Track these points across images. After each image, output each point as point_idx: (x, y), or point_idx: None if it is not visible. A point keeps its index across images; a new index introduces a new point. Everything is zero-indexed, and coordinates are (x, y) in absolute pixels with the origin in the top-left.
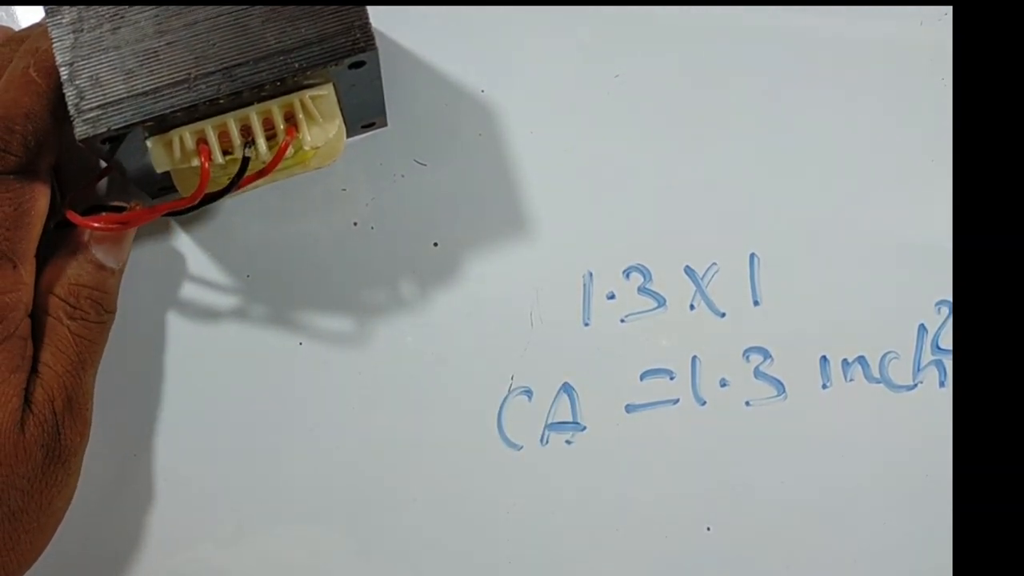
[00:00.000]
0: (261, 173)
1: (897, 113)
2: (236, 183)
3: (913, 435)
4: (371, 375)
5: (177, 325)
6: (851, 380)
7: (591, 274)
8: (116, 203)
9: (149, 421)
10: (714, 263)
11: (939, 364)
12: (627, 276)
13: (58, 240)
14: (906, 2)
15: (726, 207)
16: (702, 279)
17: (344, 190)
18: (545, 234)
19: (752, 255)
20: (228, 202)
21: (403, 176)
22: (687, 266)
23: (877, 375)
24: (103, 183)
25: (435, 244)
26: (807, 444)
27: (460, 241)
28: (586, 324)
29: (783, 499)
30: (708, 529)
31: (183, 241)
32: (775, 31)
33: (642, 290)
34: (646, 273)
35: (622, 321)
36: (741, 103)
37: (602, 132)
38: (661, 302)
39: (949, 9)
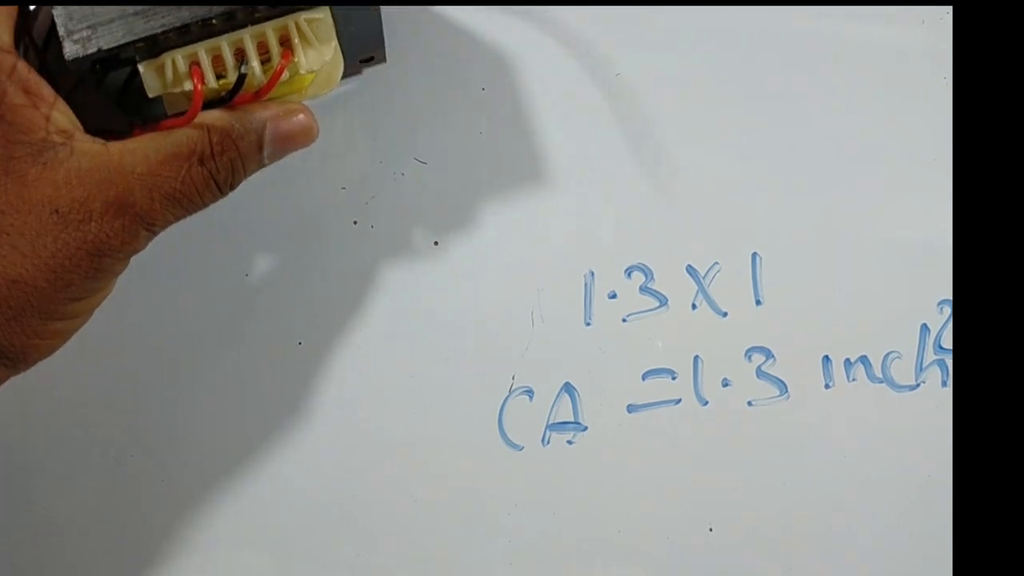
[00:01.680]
0: (257, 94)
1: (898, 113)
2: (232, 97)
3: (915, 435)
4: (371, 375)
5: (176, 325)
6: (853, 380)
7: (592, 273)
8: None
9: (147, 421)
10: (716, 262)
11: (941, 364)
12: (629, 275)
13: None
14: (907, 2)
15: (728, 206)
16: (704, 278)
17: (344, 189)
18: (546, 233)
19: (754, 254)
20: (227, 200)
21: (403, 174)
22: (689, 265)
23: (879, 375)
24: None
25: (435, 243)
26: (809, 444)
27: (460, 240)
28: (587, 324)
29: (785, 499)
30: (710, 529)
31: (182, 240)
32: (776, 30)
33: (644, 289)
34: (648, 272)
35: (624, 320)
36: (742, 102)
37: (603, 131)
38: (663, 301)
39: (950, 9)
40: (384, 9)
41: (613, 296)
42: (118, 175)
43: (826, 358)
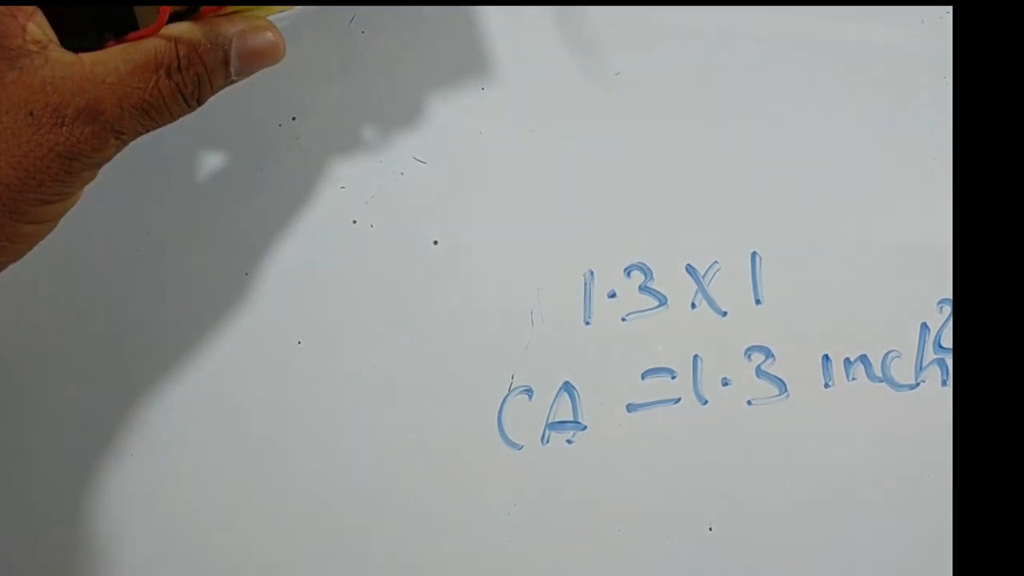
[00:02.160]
0: (219, 6)
1: (898, 112)
2: (197, 9)
3: (915, 434)
4: (371, 375)
5: (175, 324)
6: (853, 379)
7: (592, 272)
8: None
9: (148, 421)
10: (715, 261)
11: (941, 363)
12: (628, 274)
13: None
14: (907, 2)
15: (727, 205)
16: (703, 277)
17: (343, 188)
18: (546, 232)
19: (754, 253)
20: (226, 200)
21: (403, 174)
22: (688, 264)
23: (879, 374)
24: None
25: (435, 242)
26: (809, 443)
27: (460, 239)
28: (587, 323)
29: (785, 499)
30: (710, 529)
31: (181, 239)
32: (776, 30)
33: (643, 289)
34: (647, 271)
35: (623, 320)
36: (742, 101)
37: (603, 130)
38: (662, 301)
39: (949, 9)
40: (383, 9)
41: (613, 295)
42: (90, 84)
43: (826, 357)
